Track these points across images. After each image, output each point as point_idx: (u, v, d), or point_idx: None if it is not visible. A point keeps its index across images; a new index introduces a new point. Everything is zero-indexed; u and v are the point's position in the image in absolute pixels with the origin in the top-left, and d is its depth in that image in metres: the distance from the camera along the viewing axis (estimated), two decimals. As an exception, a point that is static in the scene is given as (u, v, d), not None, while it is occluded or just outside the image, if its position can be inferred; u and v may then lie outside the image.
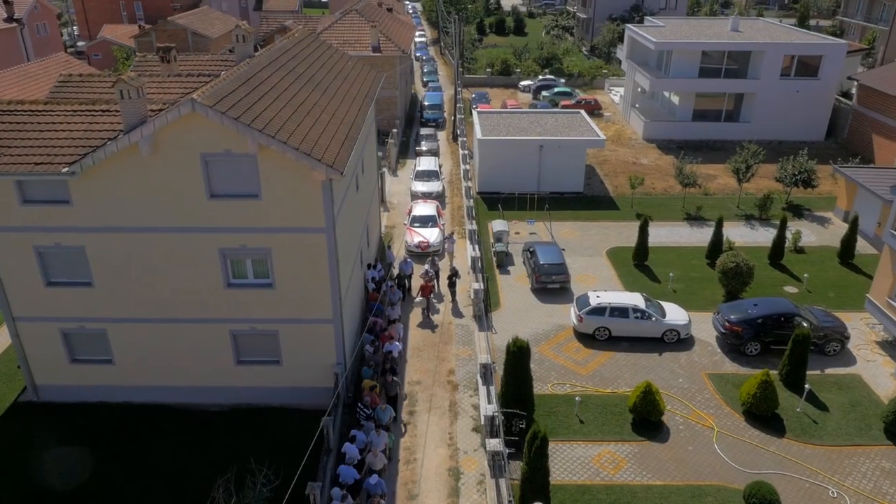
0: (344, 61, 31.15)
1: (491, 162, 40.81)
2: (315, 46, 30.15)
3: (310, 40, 30.65)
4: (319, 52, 29.64)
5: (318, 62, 28.18)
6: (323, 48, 30.83)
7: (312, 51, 29.23)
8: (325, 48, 31.09)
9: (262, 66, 23.59)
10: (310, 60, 27.69)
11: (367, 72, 31.88)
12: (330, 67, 28.57)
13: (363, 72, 31.44)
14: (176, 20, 68.08)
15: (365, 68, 32.31)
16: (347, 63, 31.08)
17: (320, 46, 30.77)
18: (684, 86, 51.59)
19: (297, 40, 29.43)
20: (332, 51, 31.57)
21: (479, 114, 45.74)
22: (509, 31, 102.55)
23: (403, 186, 42.83)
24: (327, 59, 29.42)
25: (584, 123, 43.98)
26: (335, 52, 31.70)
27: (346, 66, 30.46)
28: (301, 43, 29.26)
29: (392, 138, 46.45)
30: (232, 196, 20.09)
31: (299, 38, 29.91)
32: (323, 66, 28.08)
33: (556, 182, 41.33)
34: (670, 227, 37.25)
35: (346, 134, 22.29)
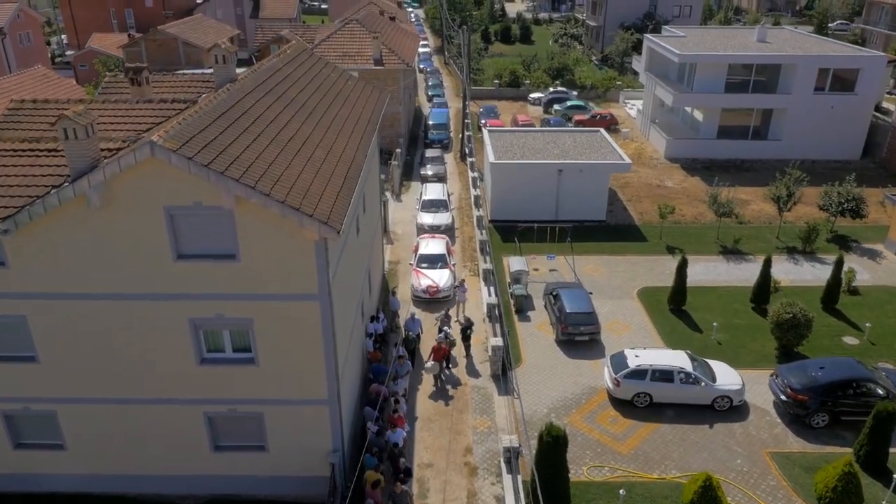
0: (343, 80, 27.46)
1: (504, 187, 37.11)
2: (310, 65, 26.46)
3: (304, 57, 26.96)
4: (315, 72, 25.94)
5: (312, 84, 24.48)
6: (319, 66, 27.14)
7: (307, 70, 25.54)
8: (321, 66, 27.40)
9: (245, 93, 19.91)
10: (303, 82, 23.99)
11: (370, 92, 28.19)
12: (326, 90, 24.86)
13: (364, 92, 27.75)
14: (166, 29, 64.49)
15: (367, 88, 28.62)
16: (347, 83, 27.38)
17: (316, 64, 27.08)
18: (710, 101, 47.93)
19: (290, 57, 25.75)
20: (329, 69, 27.88)
21: (490, 132, 42.04)
22: (515, 38, 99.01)
23: (408, 213, 39.10)
24: (323, 80, 25.72)
25: (606, 144, 40.28)
26: (333, 70, 28.01)
27: (345, 86, 26.76)
28: (294, 61, 25.57)
29: (395, 159, 42.76)
30: (204, 257, 16.36)
31: (292, 55, 26.22)
32: (318, 89, 24.38)
33: (577, 209, 37.63)
34: (705, 263, 33.49)
35: (345, 176, 18.57)
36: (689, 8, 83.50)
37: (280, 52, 26.16)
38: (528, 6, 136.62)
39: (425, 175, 42.42)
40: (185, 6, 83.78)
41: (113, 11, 78.96)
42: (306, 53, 27.58)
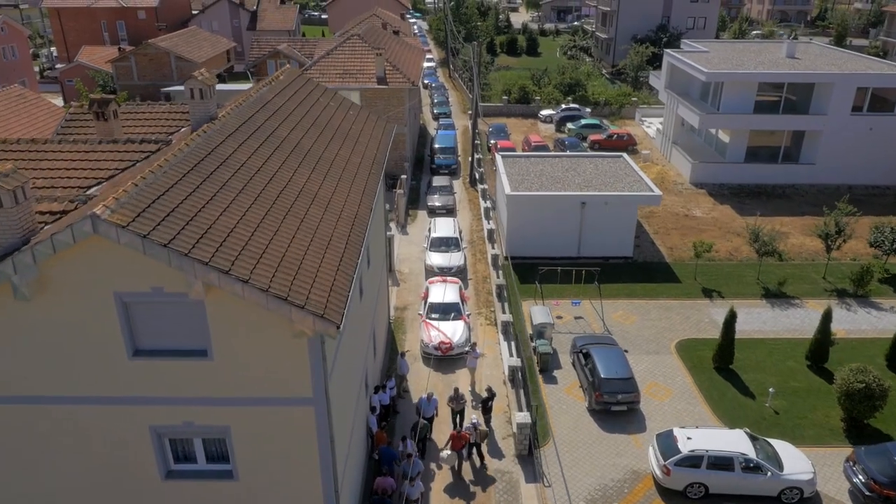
0: (343, 111, 24.04)
1: (522, 221, 33.65)
2: (305, 93, 23.04)
3: (298, 84, 23.55)
4: (310, 102, 22.52)
5: (307, 118, 21.05)
6: (315, 94, 23.72)
7: (301, 101, 22.12)
8: (317, 94, 23.98)
9: (225, 134, 16.49)
10: (296, 116, 20.57)
11: (374, 124, 24.75)
12: (324, 125, 21.43)
13: (368, 124, 24.32)
14: (158, 43, 61.25)
15: (370, 119, 25.18)
16: (348, 114, 23.95)
17: (312, 92, 23.67)
18: (738, 122, 44.52)
19: (282, 86, 22.35)
20: (327, 96, 24.46)
21: (504, 158, 38.60)
22: (521, 51, 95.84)
23: (415, 248, 35.63)
24: (320, 113, 22.29)
25: (631, 171, 36.84)
26: (332, 99, 24.58)
27: (345, 119, 23.33)
28: (286, 90, 22.17)
29: (401, 187, 39.31)
30: (168, 354, 12.90)
31: (285, 83, 22.83)
32: (315, 124, 20.95)
33: (601, 245, 34.18)
34: (748, 309, 29.96)
35: (346, 241, 15.09)
36: (703, 20, 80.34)
37: (272, 79, 22.76)
38: (532, 16, 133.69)
39: (433, 206, 38.88)
40: (180, 18, 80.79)
41: (104, 23, 75.91)
42: (301, 80, 24.16)
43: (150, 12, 75.52)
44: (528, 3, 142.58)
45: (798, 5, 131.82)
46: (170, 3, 78.42)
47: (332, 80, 42.88)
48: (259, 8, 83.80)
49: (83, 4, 74.79)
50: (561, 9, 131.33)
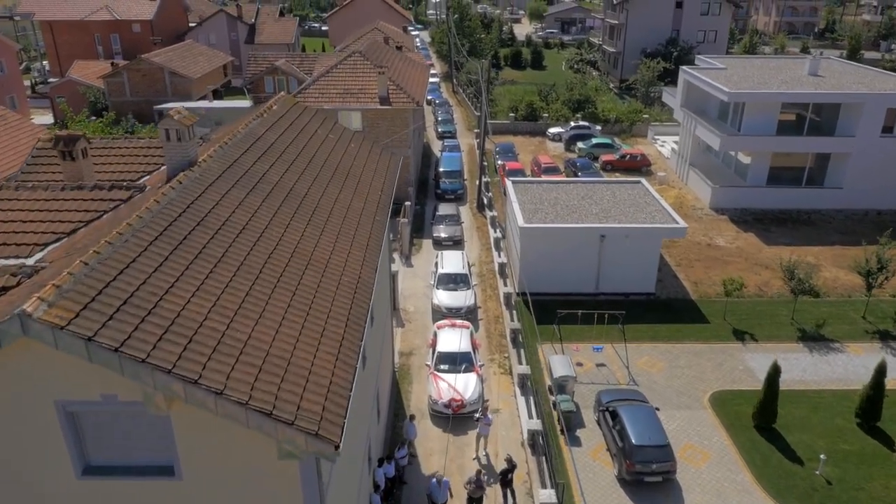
0: (344, 143, 21.63)
1: (536, 255, 31.17)
2: (300, 126, 20.63)
3: (293, 115, 21.16)
4: (306, 137, 20.10)
5: (303, 157, 18.62)
6: (312, 126, 21.31)
7: (296, 135, 19.70)
8: (314, 125, 21.57)
9: (205, 185, 14.07)
10: (290, 155, 18.15)
11: (378, 158, 22.32)
12: (321, 164, 18.99)
13: (371, 159, 21.90)
14: (151, 58, 59.09)
15: (374, 150, 22.77)
16: (348, 148, 21.53)
17: (309, 125, 21.26)
18: (761, 145, 42.14)
19: (274, 119, 19.96)
20: (325, 127, 22.05)
21: (514, 184, 36.16)
22: (526, 64, 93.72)
23: (421, 283, 33.17)
24: (317, 149, 19.87)
25: (651, 200, 34.42)
26: (330, 130, 22.17)
27: (345, 155, 20.90)
28: (279, 124, 19.77)
29: (405, 215, 36.88)
30: (126, 472, 10.41)
31: (278, 114, 20.44)
32: (311, 164, 18.51)
33: (621, 281, 31.73)
34: (784, 355, 27.45)
35: (346, 323, 12.59)
36: (713, 33, 78.22)
37: (265, 110, 20.35)
38: (535, 28, 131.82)
39: (438, 238, 36.36)
40: (176, 31, 78.73)
41: (97, 37, 73.75)
42: (296, 110, 21.75)
43: (146, 25, 73.41)
44: (532, 15, 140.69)
45: (805, 17, 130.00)
46: (166, 16, 76.34)
47: (332, 99, 40.58)
48: (258, 21, 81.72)
49: (76, 17, 72.68)
50: (565, 20, 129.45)
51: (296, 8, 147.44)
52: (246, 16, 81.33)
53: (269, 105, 20.97)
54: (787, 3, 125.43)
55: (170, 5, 77.87)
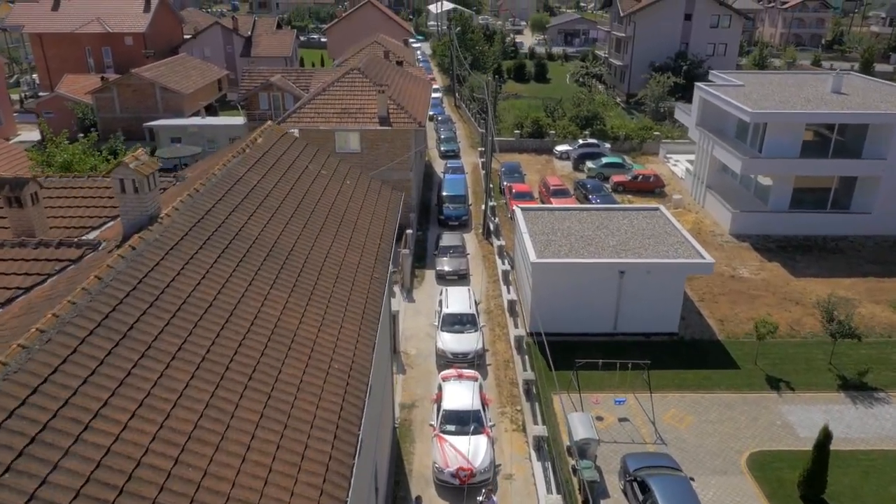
0: (338, 182, 19.11)
1: (549, 291, 28.63)
2: (287, 163, 18.11)
3: (279, 150, 18.65)
4: (293, 177, 17.58)
5: (289, 202, 16.10)
6: (301, 162, 18.80)
7: (281, 175, 17.19)
8: (304, 160, 19.06)
9: (165, 250, 11.53)
10: (273, 202, 15.63)
11: (376, 194, 19.80)
12: (311, 208, 16.45)
13: (370, 195, 19.38)
14: (142, 73, 56.72)
15: (372, 186, 20.25)
16: (343, 187, 19.01)
17: (298, 161, 18.74)
18: (786, 168, 39.67)
19: (260, 153, 17.46)
20: (316, 162, 19.55)
21: (524, 212, 33.67)
22: (530, 77, 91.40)
23: (423, 320, 30.60)
24: (306, 191, 17.34)
25: (672, 229, 31.92)
26: (322, 163, 19.67)
27: (339, 195, 18.37)
28: (263, 161, 17.25)
29: (406, 245, 34.35)
30: None
31: (263, 149, 17.93)
32: (300, 210, 15.99)
33: (642, 319, 29.19)
34: (825, 406, 24.89)
35: (333, 442, 10.01)
36: (723, 46, 75.90)
37: (247, 145, 17.84)
38: (538, 40, 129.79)
39: (442, 272, 33.64)
40: (170, 44, 76.52)
41: (88, 50, 71.43)
42: (284, 143, 19.23)
43: (138, 38, 71.14)
44: (534, 26, 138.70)
45: (812, 28, 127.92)
46: (159, 29, 74.12)
47: (329, 120, 38.14)
48: (254, 33, 79.49)
49: (66, 30, 70.42)
50: (568, 32, 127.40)
51: (295, 19, 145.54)
52: (242, 29, 79.11)
53: (254, 137, 18.45)
54: (794, 15, 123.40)
55: (164, 18, 75.69)
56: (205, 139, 52.43)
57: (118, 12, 72.43)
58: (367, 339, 12.62)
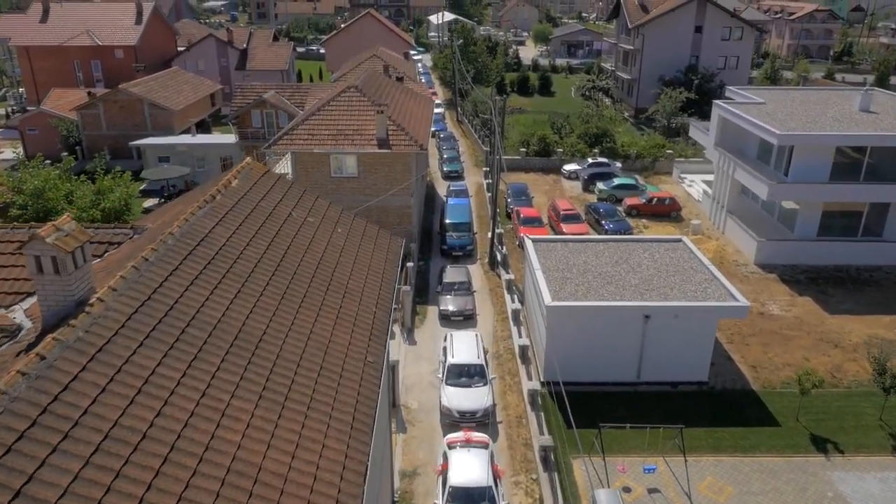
0: (326, 231, 16.31)
1: (566, 337, 25.77)
2: (266, 211, 15.32)
3: (259, 193, 15.87)
4: (272, 230, 14.76)
5: (264, 265, 13.27)
6: (283, 209, 16.01)
7: (258, 228, 14.38)
8: (286, 206, 16.26)
9: (92, 352, 8.70)
10: (246, 266, 12.81)
11: (373, 242, 16.98)
12: (291, 271, 13.63)
13: (364, 247, 16.56)
14: (129, 89, 54.09)
15: (367, 233, 17.45)
16: (334, 233, 16.20)
17: (280, 206, 15.95)
18: (816, 194, 36.95)
19: (235, 198, 14.68)
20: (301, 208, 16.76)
21: (535, 244, 30.83)
22: (534, 90, 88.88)
23: (426, 365, 27.74)
24: (288, 245, 14.52)
25: (698, 264, 29.10)
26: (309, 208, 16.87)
27: (328, 246, 15.55)
28: (238, 209, 14.46)
29: (407, 281, 31.51)
30: None
31: (238, 193, 15.15)
32: (277, 276, 13.16)
33: (668, 367, 26.35)
34: (881, 475, 22.02)
35: None
36: (735, 59, 73.37)
37: (222, 186, 15.04)
38: (541, 51, 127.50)
39: (446, 312, 30.61)
40: (163, 57, 74.03)
41: (77, 63, 68.85)
42: (265, 183, 16.43)
43: (129, 51, 68.58)
44: (537, 38, 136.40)
45: (820, 40, 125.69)
46: (152, 41, 71.60)
47: (324, 142, 35.41)
48: (250, 46, 76.96)
49: (54, 43, 67.87)
50: (571, 43, 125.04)
51: (294, 30, 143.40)
52: (238, 40, 76.58)
53: (228, 180, 15.64)
54: (803, 26, 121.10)
55: (156, 30, 73.20)
56: (194, 158, 49.73)
57: (109, 24, 69.91)
58: (362, 451, 9.76)
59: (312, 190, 36.21)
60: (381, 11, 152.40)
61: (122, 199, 34.91)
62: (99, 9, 73.83)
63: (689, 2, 71.30)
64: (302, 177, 36.06)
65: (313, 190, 36.30)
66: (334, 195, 36.29)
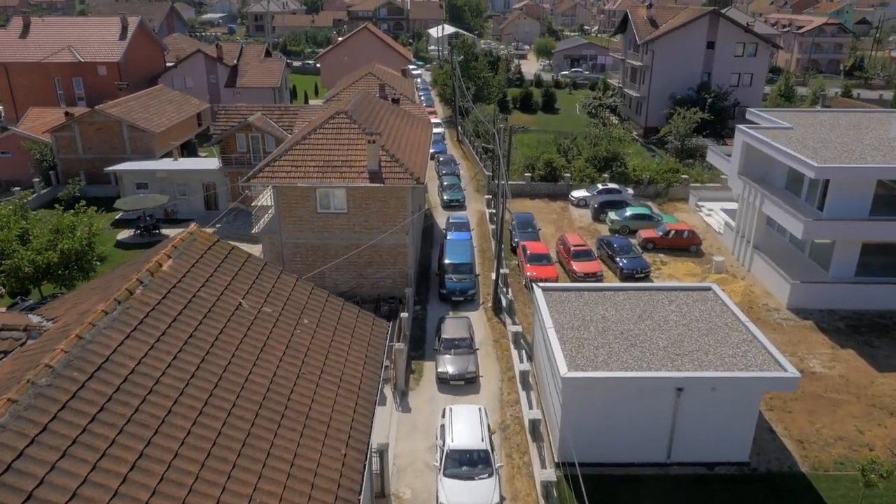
0: (288, 324, 12.63)
1: (584, 412, 22.10)
2: (206, 307, 11.66)
3: (200, 277, 12.23)
4: (209, 334, 11.09)
5: (203, 378, 9.59)
6: (229, 300, 12.34)
7: (188, 335, 10.70)
8: (236, 293, 12.59)
9: None
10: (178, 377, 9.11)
11: (349, 335, 13.32)
12: (235, 394, 9.95)
13: (335, 348, 12.89)
14: (107, 110, 50.59)
15: (343, 323, 13.78)
16: (298, 324, 12.52)
17: (225, 294, 12.29)
18: (857, 232, 33.29)
19: (163, 288, 11.05)
20: (257, 292, 13.08)
21: (546, 293, 27.18)
22: (537, 107, 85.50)
23: (420, 439, 23.96)
24: (231, 354, 10.82)
25: (733, 320, 25.39)
26: (266, 292, 13.19)
27: (287, 348, 11.88)
28: (162, 311, 10.80)
29: (401, 336, 27.77)
30: None
31: (165, 286, 11.49)
32: (218, 399, 9.48)
33: (703, 446, 22.66)
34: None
35: None
36: (749, 76, 69.96)
37: (147, 274, 11.39)
38: (543, 65, 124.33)
39: (444, 375, 26.64)
40: (150, 73, 70.65)
41: (58, 80, 65.40)
42: (208, 264, 12.78)
43: (112, 68, 65.14)
44: (539, 52, 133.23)
45: (830, 54, 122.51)
46: (137, 57, 68.19)
47: (310, 174, 31.85)
48: (241, 61, 73.58)
49: (33, 59, 64.47)
50: (574, 57, 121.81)
51: (291, 43, 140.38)
52: (228, 56, 73.19)
53: (159, 260, 11.96)
54: (813, 40, 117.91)
55: (142, 45, 69.81)
56: (174, 185, 46.17)
57: (92, 40, 66.54)
58: None
59: (297, 227, 32.94)
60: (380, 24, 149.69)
61: (85, 238, 31.22)
62: (82, 24, 70.62)
63: (701, 16, 68.11)
64: (285, 213, 32.48)
65: (298, 228, 33.03)
66: (321, 233, 32.72)
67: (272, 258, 33.55)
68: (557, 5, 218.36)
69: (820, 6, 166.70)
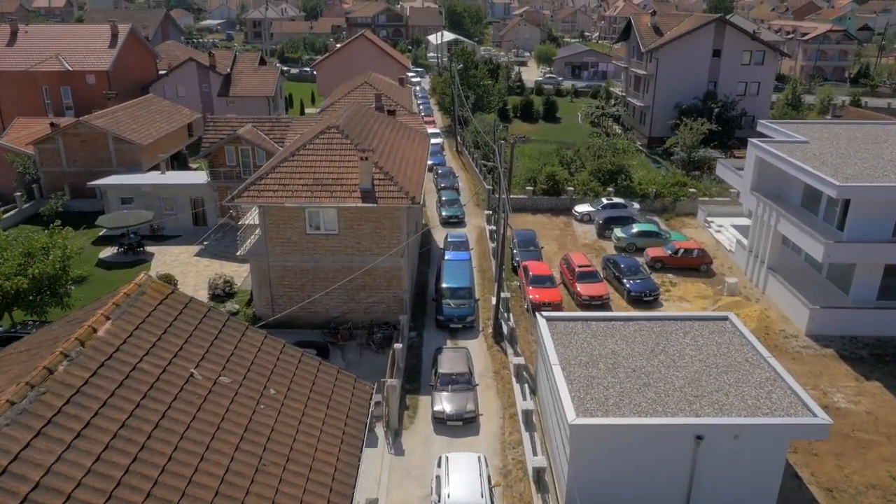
0: (252, 393, 10.62)
1: (593, 461, 20.09)
2: (146, 381, 9.62)
3: (145, 342, 10.19)
4: (150, 416, 9.06)
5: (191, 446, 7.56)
6: (181, 369, 10.31)
7: (125, 418, 8.68)
8: (189, 359, 10.59)
9: None
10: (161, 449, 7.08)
11: (325, 405, 11.32)
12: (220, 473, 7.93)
13: (309, 417, 10.89)
14: (92, 121, 48.70)
15: (318, 388, 11.79)
16: (264, 395, 10.52)
17: (175, 362, 10.25)
18: (880, 255, 31.31)
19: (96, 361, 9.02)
20: (217, 355, 11.08)
21: (550, 324, 25.18)
22: (538, 116, 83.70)
23: (413, 486, 21.93)
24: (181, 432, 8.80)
25: (753, 354, 23.39)
26: (227, 356, 11.18)
27: (248, 430, 9.85)
28: (96, 388, 8.77)
29: (394, 372, 25.74)
30: None
31: (105, 352, 9.48)
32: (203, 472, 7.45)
33: (725, 497, 20.61)
34: None
35: None
36: (756, 85, 68.09)
37: (81, 335, 9.39)
38: (543, 72, 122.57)
39: (441, 415, 24.48)
40: (141, 82, 68.77)
41: (46, 90, 63.50)
42: (155, 325, 10.76)
43: (101, 77, 63.25)
44: (539, 59, 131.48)
45: (834, 61, 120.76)
46: (128, 66, 66.32)
47: (298, 193, 29.90)
48: (234, 70, 71.74)
49: (20, 68, 62.63)
50: (575, 65, 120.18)
51: (288, 50, 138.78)
52: (221, 64, 71.38)
53: (92, 325, 9.95)
54: (818, 47, 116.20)
55: (133, 53, 67.96)
56: (160, 200, 44.26)
57: (81, 48, 64.66)
58: None
59: (285, 250, 30.93)
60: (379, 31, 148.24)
61: (59, 261, 29.26)
62: (71, 32, 68.75)
63: (707, 24, 66.29)
64: (272, 234, 30.52)
65: (286, 250, 31.01)
66: (311, 256, 30.75)
67: (259, 282, 31.62)
68: (558, 12, 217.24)
69: (822, 12, 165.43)
